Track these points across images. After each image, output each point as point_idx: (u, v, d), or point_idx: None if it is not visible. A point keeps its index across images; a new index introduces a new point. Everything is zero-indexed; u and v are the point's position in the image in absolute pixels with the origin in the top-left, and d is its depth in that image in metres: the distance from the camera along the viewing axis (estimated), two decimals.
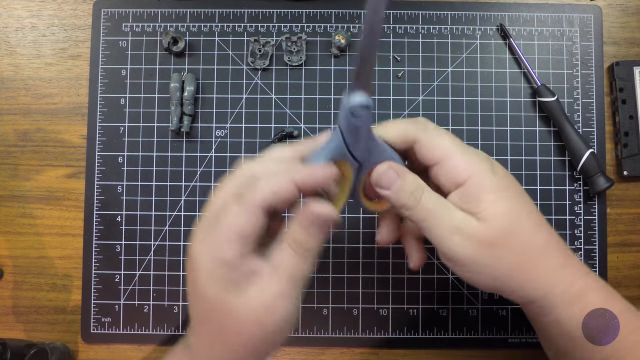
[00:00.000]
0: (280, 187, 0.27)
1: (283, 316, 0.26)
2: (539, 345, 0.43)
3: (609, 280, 0.44)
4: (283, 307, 0.26)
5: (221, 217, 0.26)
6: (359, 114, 0.26)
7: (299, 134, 0.44)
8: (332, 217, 0.27)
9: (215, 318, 0.27)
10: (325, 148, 0.28)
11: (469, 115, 0.45)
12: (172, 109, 0.44)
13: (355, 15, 0.45)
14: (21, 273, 0.44)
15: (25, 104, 0.45)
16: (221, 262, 0.26)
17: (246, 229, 0.26)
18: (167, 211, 0.44)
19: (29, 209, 0.45)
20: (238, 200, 0.26)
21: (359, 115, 0.26)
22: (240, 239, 0.26)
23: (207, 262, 0.26)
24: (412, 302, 0.43)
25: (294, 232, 0.27)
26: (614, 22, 0.46)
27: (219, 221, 0.26)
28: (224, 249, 0.26)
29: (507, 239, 0.29)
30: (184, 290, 0.44)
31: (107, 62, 0.45)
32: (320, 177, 0.28)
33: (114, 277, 0.44)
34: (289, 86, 0.45)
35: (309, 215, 0.27)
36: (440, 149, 0.30)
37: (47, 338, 0.44)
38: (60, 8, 0.46)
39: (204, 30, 0.45)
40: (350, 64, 0.45)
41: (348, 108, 0.26)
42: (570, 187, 0.44)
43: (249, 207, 0.26)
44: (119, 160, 0.44)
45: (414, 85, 0.45)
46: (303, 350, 0.43)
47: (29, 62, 0.46)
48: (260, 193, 0.26)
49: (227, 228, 0.26)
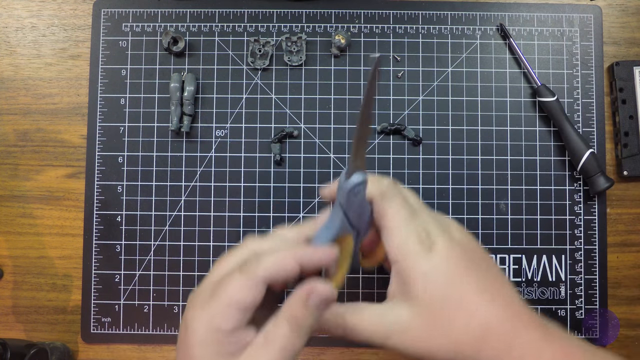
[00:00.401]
0: (283, 263, 0.27)
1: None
2: None
3: (609, 280, 0.44)
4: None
5: (223, 287, 0.27)
6: (358, 191, 0.28)
7: (299, 134, 0.44)
8: (331, 297, 0.28)
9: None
10: (328, 227, 0.29)
11: (469, 115, 0.45)
12: (172, 109, 0.44)
13: (355, 15, 0.45)
14: (21, 273, 0.44)
15: (25, 104, 0.45)
16: (219, 331, 0.26)
17: (247, 300, 0.26)
18: (167, 211, 0.44)
19: (29, 209, 0.45)
20: (241, 272, 0.27)
21: (359, 192, 0.28)
22: (240, 310, 0.26)
23: (204, 329, 0.27)
24: None
25: (292, 307, 0.28)
26: (614, 22, 0.46)
27: (220, 290, 0.27)
28: (224, 318, 0.26)
29: (442, 326, 0.27)
30: (184, 290, 0.44)
31: (107, 62, 0.45)
32: (323, 258, 0.29)
33: (114, 277, 0.44)
34: (289, 86, 0.45)
35: (310, 294, 0.28)
36: (384, 218, 0.30)
37: (47, 338, 0.44)
38: (60, 8, 0.46)
39: (204, 30, 0.45)
40: (351, 64, 0.45)
41: (349, 190, 0.28)
42: (570, 187, 0.44)
43: (252, 279, 0.27)
44: (119, 160, 0.44)
45: (414, 85, 0.45)
46: (303, 350, 0.43)
47: (29, 62, 0.46)
48: (264, 267, 0.27)
49: (228, 298, 0.27)
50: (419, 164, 0.44)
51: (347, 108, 0.45)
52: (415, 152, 0.44)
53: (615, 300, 0.44)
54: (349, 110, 0.45)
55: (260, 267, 0.27)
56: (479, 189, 0.44)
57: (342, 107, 0.45)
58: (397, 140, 0.44)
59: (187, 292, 0.43)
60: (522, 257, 0.44)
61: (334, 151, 0.44)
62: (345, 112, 0.45)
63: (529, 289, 0.43)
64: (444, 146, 0.44)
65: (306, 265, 0.28)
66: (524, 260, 0.44)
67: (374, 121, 0.44)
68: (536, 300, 0.43)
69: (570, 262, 0.44)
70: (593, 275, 0.44)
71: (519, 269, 0.43)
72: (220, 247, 0.44)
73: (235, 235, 0.44)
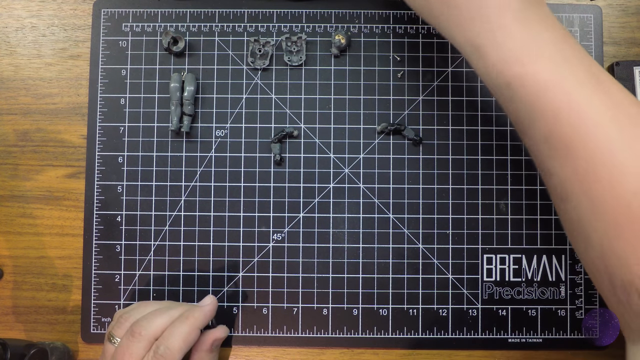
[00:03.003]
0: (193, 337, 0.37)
1: None
2: (539, 346, 0.43)
3: None
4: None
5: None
6: None
7: (299, 134, 0.44)
8: (226, 334, 0.41)
9: None
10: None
11: (468, 115, 0.45)
12: (172, 109, 0.44)
13: (355, 15, 0.45)
14: (21, 273, 0.44)
15: (25, 104, 0.45)
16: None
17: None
18: (167, 211, 0.44)
19: (29, 209, 0.45)
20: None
21: None
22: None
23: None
24: (412, 302, 0.43)
25: (201, 355, 0.39)
26: (614, 22, 0.46)
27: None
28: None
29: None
30: (184, 290, 0.44)
31: (107, 62, 0.45)
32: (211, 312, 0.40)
33: (114, 277, 0.44)
34: (289, 86, 0.45)
35: (215, 341, 0.39)
36: None
37: (47, 338, 0.44)
38: (60, 8, 0.46)
39: (204, 30, 0.45)
40: (351, 64, 0.45)
41: None
42: None
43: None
44: (119, 160, 0.45)
45: (414, 85, 0.45)
46: (303, 350, 0.43)
47: (29, 62, 0.46)
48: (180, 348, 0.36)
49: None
50: (419, 164, 0.44)
51: (347, 108, 0.45)
52: (415, 152, 0.44)
53: None
54: (349, 110, 0.45)
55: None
56: (479, 189, 0.44)
57: (342, 107, 0.45)
58: (397, 140, 0.44)
59: (187, 292, 0.43)
60: (522, 257, 0.44)
61: (334, 151, 0.44)
62: (345, 112, 0.45)
63: (529, 289, 0.43)
64: (444, 146, 0.44)
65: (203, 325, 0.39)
66: (524, 260, 0.44)
67: (373, 121, 0.44)
68: (536, 300, 0.43)
69: (570, 262, 0.44)
70: None
71: (519, 269, 0.43)
72: (221, 247, 0.44)
73: (235, 235, 0.44)
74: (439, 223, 0.44)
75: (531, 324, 0.43)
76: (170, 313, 0.38)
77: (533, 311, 0.43)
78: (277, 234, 0.44)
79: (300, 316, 0.43)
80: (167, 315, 0.37)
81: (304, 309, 0.43)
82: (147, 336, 0.35)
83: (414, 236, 0.44)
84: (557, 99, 0.28)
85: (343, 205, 0.44)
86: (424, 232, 0.44)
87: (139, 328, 0.35)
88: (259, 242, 0.44)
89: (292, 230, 0.44)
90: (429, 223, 0.44)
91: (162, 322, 0.37)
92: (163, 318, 0.37)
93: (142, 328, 0.35)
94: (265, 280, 0.43)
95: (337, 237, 0.44)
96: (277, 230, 0.44)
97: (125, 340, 0.35)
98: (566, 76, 0.29)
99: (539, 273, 0.44)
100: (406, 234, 0.44)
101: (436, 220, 0.44)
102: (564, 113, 0.28)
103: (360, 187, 0.44)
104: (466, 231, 0.44)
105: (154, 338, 0.36)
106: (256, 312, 0.43)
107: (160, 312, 0.37)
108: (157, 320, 0.37)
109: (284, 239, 0.44)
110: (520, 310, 0.43)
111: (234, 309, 0.43)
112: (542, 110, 0.29)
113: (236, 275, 0.44)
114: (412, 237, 0.44)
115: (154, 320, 0.36)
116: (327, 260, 0.44)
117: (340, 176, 0.44)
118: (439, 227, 0.44)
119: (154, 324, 0.36)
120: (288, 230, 0.44)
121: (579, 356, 0.43)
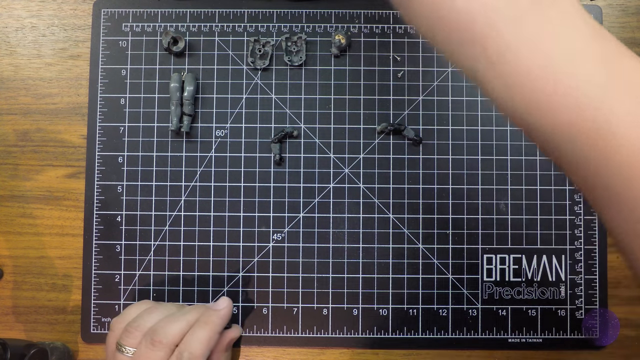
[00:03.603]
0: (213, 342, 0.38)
1: None
2: (539, 346, 0.43)
3: (609, 280, 0.44)
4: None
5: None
6: None
7: (299, 134, 0.44)
8: (240, 333, 0.43)
9: None
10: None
11: (468, 115, 0.45)
12: (172, 109, 0.44)
13: (355, 15, 0.45)
14: (21, 273, 0.44)
15: (25, 104, 0.45)
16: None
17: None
18: (167, 211, 0.44)
19: (29, 209, 0.45)
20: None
21: None
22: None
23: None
24: (412, 302, 0.43)
25: (219, 357, 0.40)
26: (614, 22, 0.46)
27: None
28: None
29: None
30: (184, 291, 0.44)
31: (107, 62, 0.45)
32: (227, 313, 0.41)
33: (114, 277, 0.44)
34: (289, 86, 0.45)
35: (230, 340, 0.41)
36: None
37: (47, 338, 0.44)
38: (60, 8, 0.46)
39: (204, 30, 0.45)
40: (351, 64, 0.45)
41: None
42: (570, 187, 0.44)
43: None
44: (119, 160, 0.44)
45: (414, 85, 0.45)
46: (303, 350, 0.43)
47: (29, 62, 0.46)
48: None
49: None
50: (419, 164, 0.44)
51: (347, 108, 0.45)
52: (415, 152, 0.44)
53: (615, 300, 0.44)
54: (349, 110, 0.45)
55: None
56: (479, 189, 0.44)
57: (342, 107, 0.45)
58: (397, 140, 0.44)
59: (187, 292, 0.43)
60: (522, 257, 0.44)
61: (334, 151, 0.44)
62: (345, 112, 0.45)
63: (529, 289, 0.43)
64: (444, 146, 0.44)
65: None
66: (524, 260, 0.44)
67: (373, 121, 0.44)
68: (536, 300, 0.43)
69: (570, 262, 0.44)
70: (593, 275, 0.44)
71: (519, 269, 0.43)
72: (221, 247, 0.44)
73: (235, 235, 0.44)
74: (439, 223, 0.44)
75: (531, 324, 0.43)
76: (186, 318, 0.37)
77: (533, 311, 0.43)
78: (277, 234, 0.44)
79: (300, 316, 0.43)
80: (184, 320, 0.37)
81: (304, 309, 0.43)
82: (168, 343, 0.35)
83: (414, 236, 0.44)
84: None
85: (343, 205, 0.44)
86: (424, 232, 0.44)
87: (158, 336, 0.35)
88: (259, 242, 0.44)
89: (292, 230, 0.44)
90: (429, 223, 0.44)
91: (180, 328, 0.36)
92: (180, 323, 0.37)
93: (162, 336, 0.35)
94: (265, 280, 0.44)
95: (337, 237, 0.44)
96: (277, 230, 0.44)
97: (145, 349, 0.35)
98: None
99: (539, 273, 0.44)
100: (406, 234, 0.44)
101: (436, 220, 0.44)
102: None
103: (360, 187, 0.44)
104: (466, 231, 0.44)
105: (174, 345, 0.36)
106: (256, 312, 0.43)
107: (175, 318, 0.37)
108: (175, 326, 0.36)
109: (284, 239, 0.44)
110: (520, 310, 0.43)
111: (234, 309, 0.43)
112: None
113: (236, 275, 0.44)
114: (412, 237, 0.44)
115: (171, 327, 0.36)
116: (327, 260, 0.44)
117: (340, 176, 0.44)
118: (439, 227, 0.44)
119: (172, 330, 0.36)
120: (288, 230, 0.44)
121: (579, 356, 0.43)
